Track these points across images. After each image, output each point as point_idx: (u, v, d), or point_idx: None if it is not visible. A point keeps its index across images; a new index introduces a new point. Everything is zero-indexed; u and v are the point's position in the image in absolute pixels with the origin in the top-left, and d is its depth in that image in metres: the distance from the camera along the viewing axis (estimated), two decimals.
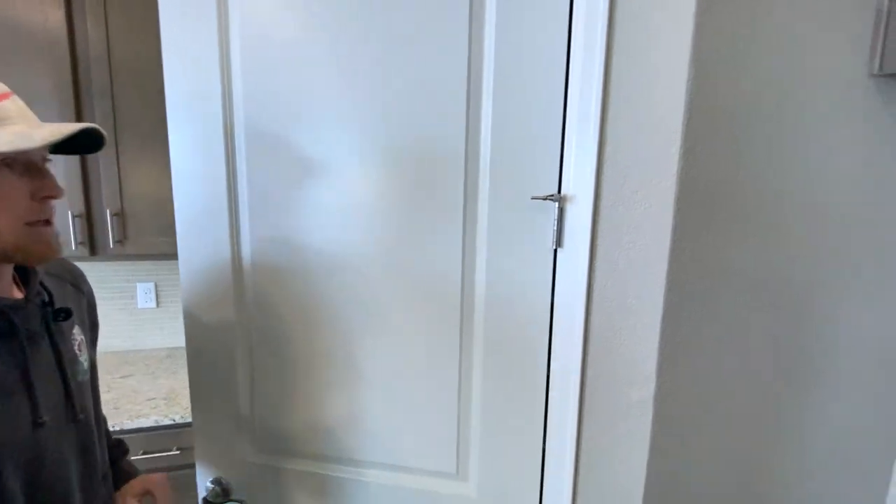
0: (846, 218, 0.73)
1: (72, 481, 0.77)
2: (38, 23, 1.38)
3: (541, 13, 0.67)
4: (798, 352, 0.75)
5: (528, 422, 0.80)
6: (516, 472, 0.82)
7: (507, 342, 0.78)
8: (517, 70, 0.70)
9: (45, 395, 0.69)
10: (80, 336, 0.79)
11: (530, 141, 0.71)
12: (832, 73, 0.71)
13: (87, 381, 0.81)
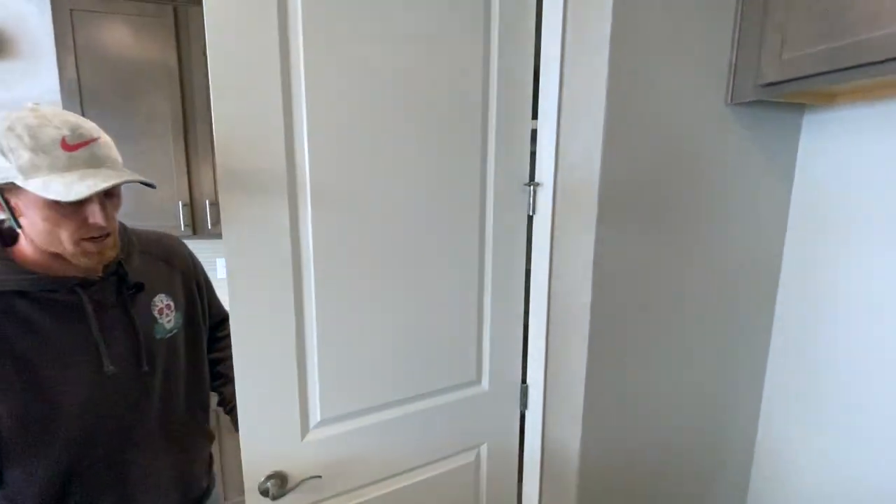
0: (709, 206, 1.20)
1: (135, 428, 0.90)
2: (158, 62, 1.87)
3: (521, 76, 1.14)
4: (673, 283, 1.22)
5: (514, 328, 1.27)
6: (509, 365, 1.29)
7: (504, 274, 1.24)
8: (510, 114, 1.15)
9: (114, 351, 0.84)
10: (163, 302, 0.95)
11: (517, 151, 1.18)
12: (702, 103, 1.17)
13: (171, 338, 0.96)
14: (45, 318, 0.78)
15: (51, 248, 0.78)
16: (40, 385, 0.77)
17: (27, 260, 0.80)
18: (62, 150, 0.72)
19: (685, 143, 1.17)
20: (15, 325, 0.76)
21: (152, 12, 1.84)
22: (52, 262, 0.81)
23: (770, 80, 1.06)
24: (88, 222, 0.77)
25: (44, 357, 0.78)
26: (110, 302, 0.86)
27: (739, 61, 1.15)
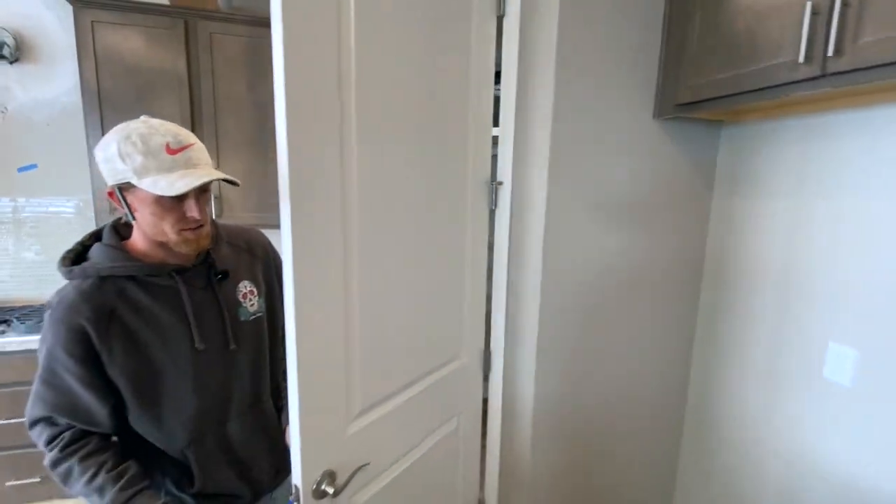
0: (630, 212, 1.45)
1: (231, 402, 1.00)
2: (170, 69, 2.07)
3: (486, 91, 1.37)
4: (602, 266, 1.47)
5: (481, 305, 1.50)
6: (478, 338, 1.52)
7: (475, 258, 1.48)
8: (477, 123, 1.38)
9: (204, 330, 0.94)
10: (246, 288, 1.05)
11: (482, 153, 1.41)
12: (632, 119, 1.42)
13: (254, 321, 1.05)
14: (148, 298, 0.90)
15: (157, 238, 0.90)
16: (148, 357, 0.90)
17: (137, 250, 0.93)
18: (167, 154, 0.84)
19: (620, 145, 1.43)
20: (126, 304, 0.89)
21: (165, 25, 2.04)
22: (157, 251, 0.93)
23: (683, 101, 1.32)
24: (186, 215, 0.88)
25: (148, 332, 0.90)
26: (201, 286, 0.96)
27: (663, 85, 1.40)
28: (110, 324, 0.86)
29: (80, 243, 0.95)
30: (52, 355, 0.86)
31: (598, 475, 1.68)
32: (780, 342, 1.38)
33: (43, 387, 0.87)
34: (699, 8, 1.25)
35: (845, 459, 1.22)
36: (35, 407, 0.89)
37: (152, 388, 0.91)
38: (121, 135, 0.84)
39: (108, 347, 0.86)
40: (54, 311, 0.86)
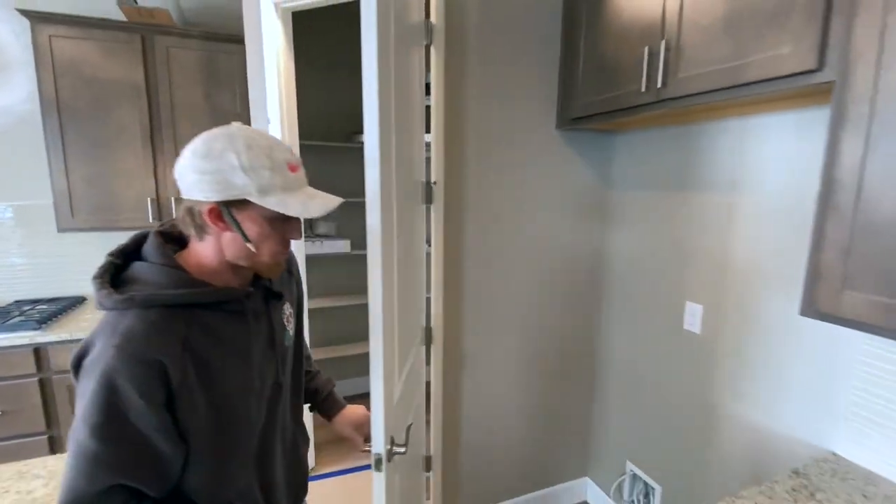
0: (542, 206, 1.78)
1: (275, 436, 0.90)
2: (128, 80, 2.21)
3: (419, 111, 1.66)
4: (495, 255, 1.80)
5: (422, 282, 1.79)
6: (416, 305, 1.80)
7: (411, 244, 1.76)
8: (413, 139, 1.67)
9: (260, 359, 0.84)
10: (288, 310, 0.94)
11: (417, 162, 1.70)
12: (539, 129, 1.75)
13: (291, 347, 0.95)
14: (218, 324, 0.77)
15: (242, 260, 0.78)
16: (222, 391, 0.77)
17: (199, 270, 0.77)
18: (289, 172, 0.74)
19: (525, 152, 1.75)
20: (197, 331, 0.74)
21: (123, 39, 2.16)
22: (224, 273, 0.79)
23: (576, 115, 1.66)
24: (286, 237, 0.79)
25: (219, 362, 0.76)
26: (260, 311, 0.85)
27: (561, 103, 1.74)
28: (184, 355, 0.71)
29: (111, 261, 0.76)
30: (118, 402, 0.66)
31: (528, 422, 2.00)
32: (656, 304, 1.75)
33: (103, 446, 0.66)
34: (583, 46, 1.59)
35: (712, 393, 1.59)
36: (91, 479, 0.67)
37: (227, 426, 0.78)
38: (239, 143, 0.71)
39: (187, 383, 0.71)
40: (122, 349, 0.66)
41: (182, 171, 0.72)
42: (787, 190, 1.28)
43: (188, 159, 0.72)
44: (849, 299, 0.89)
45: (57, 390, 2.04)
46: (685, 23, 1.20)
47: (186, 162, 0.72)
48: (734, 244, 1.44)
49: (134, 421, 0.67)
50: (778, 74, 1.00)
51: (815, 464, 1.17)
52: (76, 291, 2.52)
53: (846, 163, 0.88)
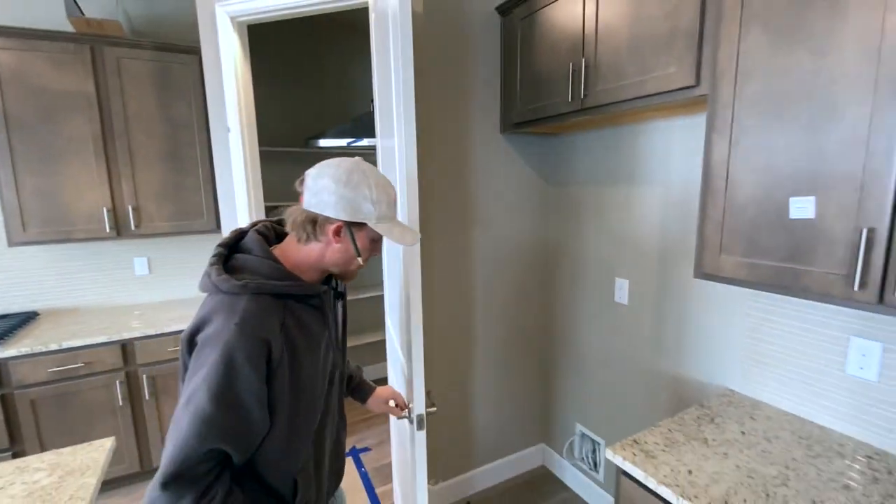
0: (491, 201, 2.00)
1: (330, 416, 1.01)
2: (78, 91, 2.21)
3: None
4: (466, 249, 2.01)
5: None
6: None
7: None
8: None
9: (326, 350, 0.95)
10: (340, 309, 1.08)
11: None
12: (484, 134, 1.97)
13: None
14: (303, 314, 0.90)
15: (334, 267, 0.94)
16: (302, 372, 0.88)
17: (296, 264, 0.91)
18: (394, 206, 0.94)
19: (472, 154, 1.96)
20: (291, 318, 0.87)
21: (71, 50, 2.15)
22: (311, 271, 0.93)
23: (516, 121, 1.89)
24: (375, 254, 0.98)
25: (305, 347, 0.88)
26: (330, 307, 1.00)
27: (503, 110, 1.97)
28: (282, 337, 0.83)
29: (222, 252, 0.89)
30: (235, 374, 0.76)
31: (489, 398, 2.21)
32: (592, 282, 2.02)
33: (219, 411, 0.75)
34: (519, 61, 1.83)
35: (638, 352, 1.87)
36: (202, 439, 0.75)
37: (304, 403, 0.89)
38: (371, 179, 0.89)
39: (281, 362, 0.82)
40: (241, 327, 0.77)
41: (321, 191, 0.87)
42: (687, 181, 1.57)
43: (330, 183, 0.87)
44: (724, 262, 1.17)
45: (20, 406, 2.01)
46: (600, 44, 1.45)
47: (328, 184, 0.87)
48: (650, 227, 1.72)
49: (244, 391, 0.78)
50: (669, 88, 1.27)
51: (717, 398, 1.45)
52: (27, 307, 2.46)
53: (717, 157, 1.15)
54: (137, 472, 2.29)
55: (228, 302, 0.81)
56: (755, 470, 1.09)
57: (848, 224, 0.93)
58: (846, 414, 1.24)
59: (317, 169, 0.89)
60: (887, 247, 0.88)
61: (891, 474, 1.08)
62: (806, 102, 0.98)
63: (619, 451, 1.18)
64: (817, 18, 0.95)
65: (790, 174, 1.02)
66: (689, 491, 1.02)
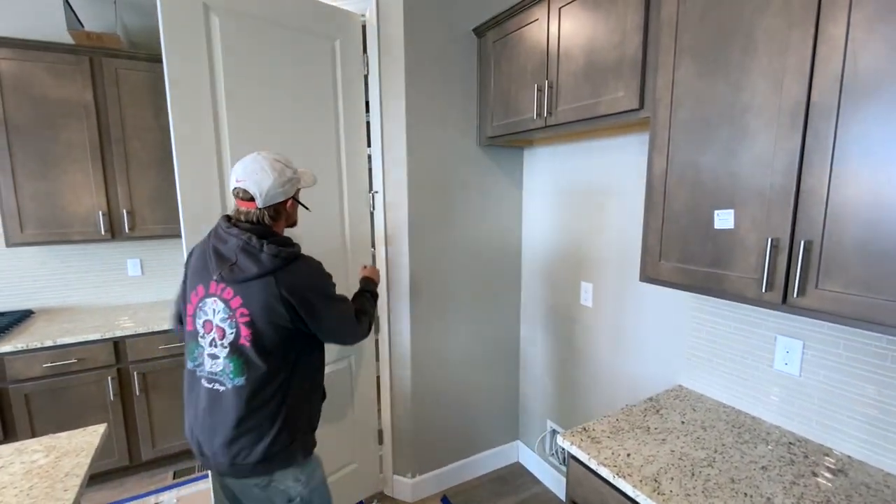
0: (469, 208, 2.14)
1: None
2: (77, 100, 2.32)
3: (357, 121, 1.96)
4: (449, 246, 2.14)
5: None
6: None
7: (359, 251, 2.04)
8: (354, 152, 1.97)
9: None
10: None
11: (358, 174, 1.99)
12: (463, 145, 2.10)
13: None
14: None
15: (291, 223, 1.36)
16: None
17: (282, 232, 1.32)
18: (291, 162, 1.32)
19: (453, 164, 2.10)
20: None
21: (71, 61, 2.27)
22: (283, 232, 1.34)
23: (489, 135, 2.02)
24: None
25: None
26: None
27: (479, 124, 2.10)
28: None
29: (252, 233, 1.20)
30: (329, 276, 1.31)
31: (465, 397, 2.33)
32: (560, 286, 2.15)
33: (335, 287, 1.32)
34: (492, 81, 1.97)
35: (600, 352, 2.00)
36: (351, 303, 1.39)
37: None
38: (282, 160, 1.25)
39: None
40: (312, 264, 1.26)
41: (268, 194, 1.21)
42: (641, 193, 1.71)
43: (272, 185, 1.21)
44: (663, 267, 1.30)
45: (14, 400, 2.10)
46: (561, 69, 1.59)
47: (271, 185, 1.21)
48: (612, 234, 1.86)
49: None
50: (618, 111, 1.41)
51: (665, 393, 1.58)
52: (22, 305, 2.55)
53: (657, 173, 1.29)
54: (126, 465, 2.38)
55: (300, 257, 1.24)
56: (687, 454, 1.22)
57: (759, 234, 1.07)
58: (775, 405, 1.37)
59: (251, 179, 1.20)
60: (788, 254, 1.02)
61: (806, 458, 1.21)
62: (726, 126, 1.12)
63: (568, 437, 1.31)
64: (734, 55, 1.09)
65: (714, 189, 1.16)
66: (624, 470, 1.15)
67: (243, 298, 1.17)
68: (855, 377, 1.19)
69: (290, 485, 1.26)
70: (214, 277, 1.19)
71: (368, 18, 1.93)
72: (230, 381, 1.19)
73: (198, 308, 1.23)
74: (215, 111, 1.63)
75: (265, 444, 1.19)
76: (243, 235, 1.18)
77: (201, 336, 1.22)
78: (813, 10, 0.94)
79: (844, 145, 0.91)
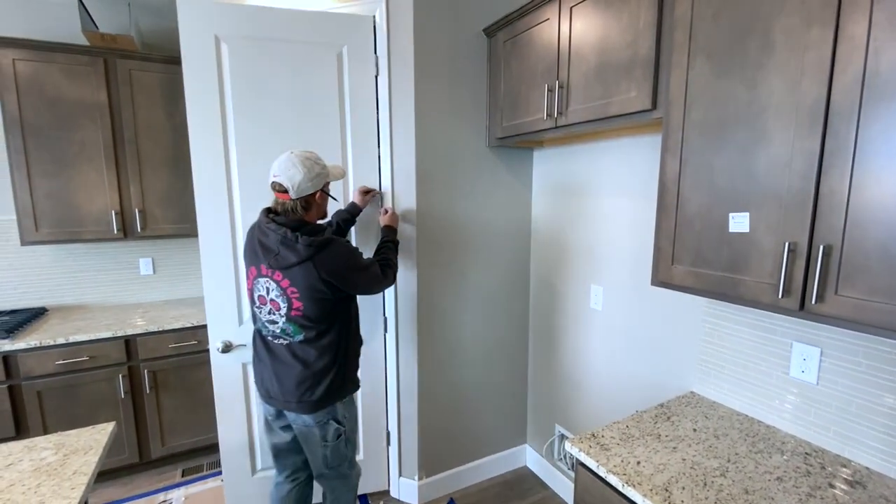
0: (478, 210, 2.12)
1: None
2: (91, 101, 2.35)
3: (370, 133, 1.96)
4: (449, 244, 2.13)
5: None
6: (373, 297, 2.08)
7: (367, 252, 2.04)
8: (363, 153, 1.97)
9: None
10: None
11: (367, 174, 1.99)
12: (472, 146, 2.09)
13: None
14: None
15: (322, 211, 1.54)
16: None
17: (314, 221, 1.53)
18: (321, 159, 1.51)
19: (462, 164, 2.08)
20: None
21: (85, 62, 2.30)
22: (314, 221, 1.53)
23: (498, 136, 2.01)
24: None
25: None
26: None
27: (490, 126, 2.09)
28: None
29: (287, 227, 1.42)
30: (354, 249, 1.53)
31: (473, 400, 2.31)
32: (570, 289, 2.12)
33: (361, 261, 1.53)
34: (502, 82, 1.95)
35: (610, 357, 1.97)
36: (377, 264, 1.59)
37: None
38: (313, 157, 1.45)
39: None
40: (342, 246, 1.46)
41: (300, 187, 1.40)
42: (653, 195, 1.68)
43: (302, 178, 1.40)
44: (676, 271, 1.27)
45: (27, 396, 2.13)
46: (572, 69, 1.57)
47: (302, 179, 1.40)
48: (622, 237, 1.83)
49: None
50: (629, 111, 1.38)
51: (676, 399, 1.55)
52: (36, 303, 2.59)
53: (670, 175, 1.26)
54: (136, 462, 2.40)
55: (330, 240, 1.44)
56: (699, 462, 1.19)
57: (775, 238, 1.04)
58: (790, 414, 1.33)
59: (284, 174, 1.40)
60: (806, 259, 0.99)
61: (823, 469, 1.17)
62: (741, 127, 1.09)
63: (576, 443, 1.28)
64: (750, 53, 1.06)
65: (729, 192, 1.13)
66: (633, 479, 1.12)
67: (290, 280, 1.41)
68: (875, 387, 1.16)
69: (339, 419, 1.57)
70: (265, 264, 1.44)
71: (378, 19, 1.93)
72: (291, 338, 1.49)
73: (254, 285, 1.50)
74: (224, 122, 1.83)
75: (325, 384, 1.50)
76: (280, 230, 1.40)
77: (258, 307, 1.51)
78: (833, 8, 0.91)
79: (866, 146, 0.88)
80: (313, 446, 1.58)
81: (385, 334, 2.14)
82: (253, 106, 1.83)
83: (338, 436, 1.58)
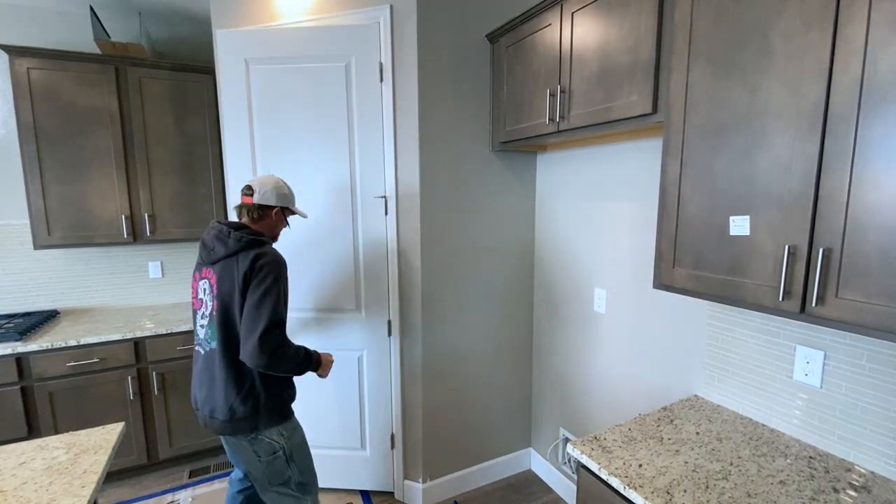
0: (481, 214, 2.13)
1: None
2: (102, 108, 2.40)
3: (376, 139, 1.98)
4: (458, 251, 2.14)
5: (382, 279, 2.09)
6: (378, 299, 2.11)
7: (371, 254, 2.06)
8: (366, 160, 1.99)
9: None
10: None
11: (372, 179, 2.01)
12: (476, 150, 2.10)
13: None
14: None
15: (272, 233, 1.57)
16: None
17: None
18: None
19: (466, 169, 2.10)
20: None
21: (97, 70, 2.35)
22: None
23: (503, 140, 2.02)
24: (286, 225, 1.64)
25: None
26: None
27: (493, 130, 2.10)
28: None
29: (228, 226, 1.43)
30: (284, 281, 1.41)
31: (478, 404, 2.32)
32: (573, 292, 2.12)
33: (284, 290, 1.40)
34: (505, 87, 1.97)
35: (614, 360, 1.97)
36: (281, 308, 1.38)
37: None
38: (286, 182, 1.71)
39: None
40: (278, 258, 1.41)
41: (267, 195, 1.50)
42: (655, 198, 1.68)
43: (271, 191, 1.51)
44: (677, 274, 1.27)
45: (38, 397, 2.17)
46: (574, 74, 1.58)
47: (269, 190, 1.51)
48: (625, 240, 1.83)
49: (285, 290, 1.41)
50: (630, 115, 1.39)
51: (680, 402, 1.55)
52: (48, 306, 2.64)
53: (671, 178, 1.27)
54: (144, 463, 2.43)
55: (265, 247, 1.42)
56: (701, 466, 1.19)
57: (776, 241, 1.04)
58: (794, 418, 1.33)
59: (257, 181, 1.51)
60: (807, 262, 0.99)
61: (827, 473, 1.17)
62: (741, 130, 1.10)
63: (578, 446, 1.29)
64: (749, 57, 1.07)
65: (730, 195, 1.13)
66: (635, 481, 1.12)
67: (217, 276, 1.40)
68: (880, 390, 1.15)
69: (274, 438, 1.47)
70: (205, 264, 1.45)
71: (382, 26, 1.96)
72: (208, 345, 1.43)
73: (196, 289, 1.48)
74: (251, 131, 2.07)
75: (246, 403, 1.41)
76: (218, 227, 1.44)
77: (195, 311, 1.49)
78: (831, 11, 0.92)
79: (865, 149, 0.89)
80: (247, 462, 1.47)
81: (389, 337, 2.15)
82: (273, 116, 2.06)
83: (272, 452, 1.46)
